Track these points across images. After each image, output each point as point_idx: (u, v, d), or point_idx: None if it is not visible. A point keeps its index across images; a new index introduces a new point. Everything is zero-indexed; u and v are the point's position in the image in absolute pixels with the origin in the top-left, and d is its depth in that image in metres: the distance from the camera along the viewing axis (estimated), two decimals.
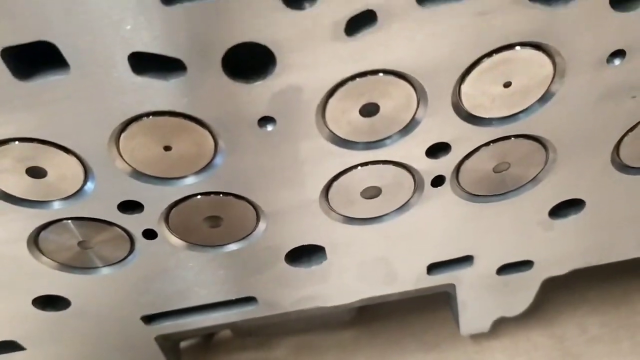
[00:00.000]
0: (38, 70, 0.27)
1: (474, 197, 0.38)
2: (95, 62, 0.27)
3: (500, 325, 0.52)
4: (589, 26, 0.29)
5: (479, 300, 0.48)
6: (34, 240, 0.36)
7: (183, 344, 0.55)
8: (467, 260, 0.44)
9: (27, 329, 0.42)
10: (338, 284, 0.44)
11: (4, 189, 0.32)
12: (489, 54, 0.29)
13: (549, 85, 0.31)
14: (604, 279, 0.54)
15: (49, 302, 0.41)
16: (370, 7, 0.26)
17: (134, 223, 0.35)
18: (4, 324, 0.42)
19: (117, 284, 0.40)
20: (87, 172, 0.32)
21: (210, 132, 0.31)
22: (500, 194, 0.38)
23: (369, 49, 0.28)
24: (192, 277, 0.41)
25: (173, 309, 0.44)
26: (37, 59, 0.27)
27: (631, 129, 0.35)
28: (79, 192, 0.33)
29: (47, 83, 0.27)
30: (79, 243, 0.36)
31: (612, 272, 0.49)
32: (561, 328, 0.54)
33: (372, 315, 0.56)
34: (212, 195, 0.34)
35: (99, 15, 0.25)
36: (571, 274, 0.47)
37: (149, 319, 0.44)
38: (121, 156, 0.31)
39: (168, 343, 0.49)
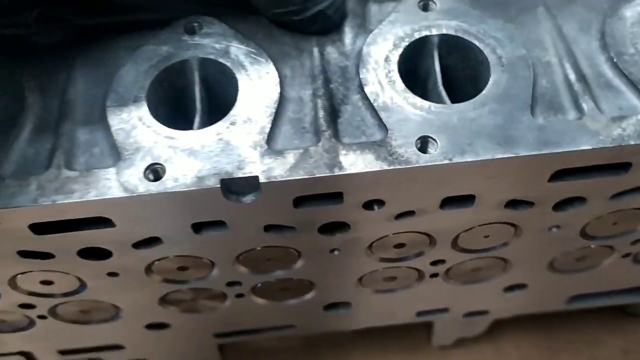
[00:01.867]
0: None
1: (455, 282, 0.58)
2: None
3: (460, 341, 0.75)
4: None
5: (448, 328, 0.70)
6: (164, 298, 0.55)
7: None
8: (444, 310, 0.65)
9: (137, 338, 0.62)
10: (355, 320, 0.64)
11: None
12: None
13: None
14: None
15: (156, 326, 0.60)
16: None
17: (231, 291, 0.55)
18: (121, 335, 0.61)
19: (209, 318, 0.59)
20: None
21: (298, 252, 0.50)
22: (473, 282, 0.58)
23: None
24: (257, 315, 0.60)
25: (237, 330, 0.64)
26: None
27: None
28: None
29: None
30: (191, 299, 0.56)
31: None
32: (503, 344, 0.77)
33: None
34: (290, 279, 0.54)
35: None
36: None
37: (218, 335, 0.64)
38: None
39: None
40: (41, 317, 0.55)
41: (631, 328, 0.77)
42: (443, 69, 0.47)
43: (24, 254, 0.44)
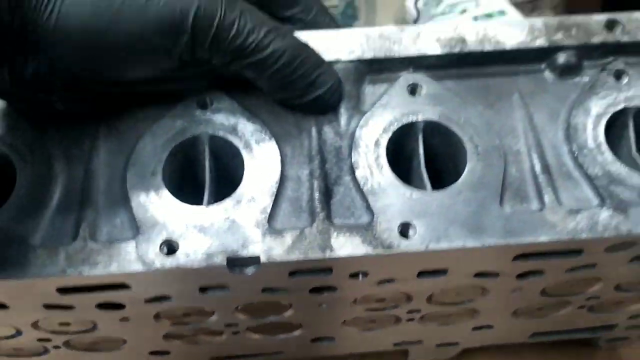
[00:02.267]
0: None
1: (428, 324, 0.65)
2: None
3: None
4: None
5: (422, 354, 0.77)
6: (168, 334, 0.61)
7: None
8: (418, 342, 0.72)
9: None
10: (338, 348, 0.71)
11: None
12: None
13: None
14: None
15: (157, 352, 0.67)
16: None
17: (229, 330, 0.61)
18: (128, 356, 0.68)
19: (206, 347, 0.66)
20: None
21: (290, 304, 0.56)
22: (445, 325, 0.65)
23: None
24: (250, 345, 0.67)
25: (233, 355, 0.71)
26: None
27: None
28: None
29: None
30: (192, 334, 0.62)
31: None
32: None
33: None
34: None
35: None
36: None
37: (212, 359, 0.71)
38: None
39: None
40: (56, 347, 0.61)
41: (592, 355, 0.85)
42: (427, 148, 0.53)
43: (49, 306, 0.50)
